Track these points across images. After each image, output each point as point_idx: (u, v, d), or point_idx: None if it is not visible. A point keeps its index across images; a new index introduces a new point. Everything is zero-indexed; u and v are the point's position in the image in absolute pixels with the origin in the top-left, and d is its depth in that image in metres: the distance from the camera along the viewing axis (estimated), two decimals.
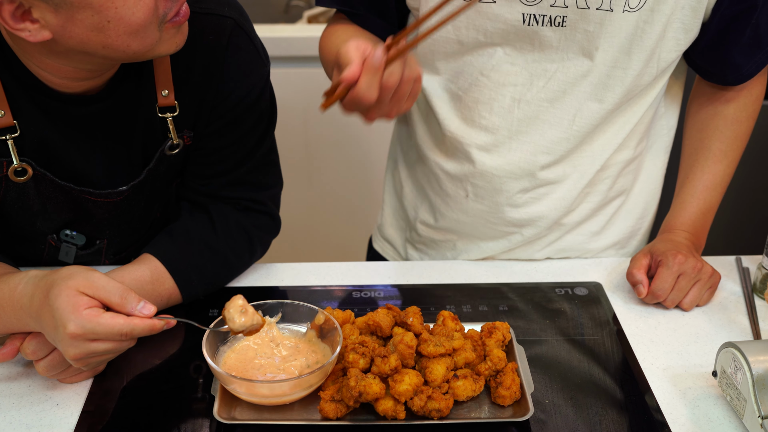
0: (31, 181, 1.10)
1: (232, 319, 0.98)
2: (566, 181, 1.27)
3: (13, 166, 1.07)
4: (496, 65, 1.19)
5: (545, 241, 1.33)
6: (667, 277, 1.18)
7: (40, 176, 1.10)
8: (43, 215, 1.14)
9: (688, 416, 1.00)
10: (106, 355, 0.98)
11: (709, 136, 1.31)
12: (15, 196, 1.11)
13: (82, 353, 0.93)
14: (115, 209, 1.17)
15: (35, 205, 1.13)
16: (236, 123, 1.17)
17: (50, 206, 1.14)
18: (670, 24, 1.15)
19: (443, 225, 1.35)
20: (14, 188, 1.10)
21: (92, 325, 0.92)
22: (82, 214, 1.16)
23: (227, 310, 0.99)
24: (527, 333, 1.14)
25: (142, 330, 0.95)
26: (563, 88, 1.19)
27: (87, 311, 0.92)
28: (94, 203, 1.15)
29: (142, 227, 1.26)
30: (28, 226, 1.16)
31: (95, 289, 0.93)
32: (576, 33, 1.14)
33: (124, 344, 0.96)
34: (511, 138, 1.23)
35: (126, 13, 0.93)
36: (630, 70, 1.17)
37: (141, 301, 0.95)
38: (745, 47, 1.21)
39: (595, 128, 1.23)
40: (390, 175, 1.46)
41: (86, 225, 1.19)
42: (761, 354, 0.95)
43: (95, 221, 1.18)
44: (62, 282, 0.93)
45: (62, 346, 0.94)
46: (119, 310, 0.94)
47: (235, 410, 0.98)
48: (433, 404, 0.94)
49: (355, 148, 2.43)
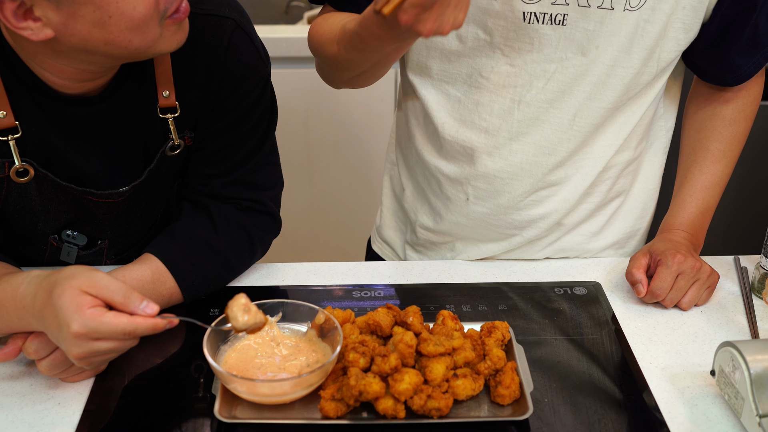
0: (33, 182, 1.10)
1: (236, 317, 0.98)
2: (569, 183, 1.27)
3: (15, 166, 1.08)
4: (496, 67, 1.20)
5: (545, 242, 1.33)
6: (666, 276, 1.18)
7: (41, 177, 1.10)
8: (45, 216, 1.15)
9: (686, 415, 1.01)
10: (109, 355, 0.98)
11: (707, 137, 1.31)
12: (17, 197, 1.11)
13: (86, 352, 0.94)
14: (116, 209, 1.18)
15: (37, 205, 1.13)
16: (237, 123, 1.18)
17: (52, 207, 1.14)
18: (671, 23, 1.16)
19: (443, 228, 1.35)
20: (16, 189, 1.10)
21: (96, 324, 0.92)
22: (83, 214, 1.17)
23: (230, 309, 0.99)
24: (526, 332, 1.15)
25: (145, 329, 0.95)
26: (562, 89, 1.19)
27: (90, 311, 0.92)
28: (95, 204, 1.15)
29: (143, 227, 1.26)
30: (30, 227, 1.16)
31: (98, 289, 0.94)
32: (576, 32, 1.15)
33: (128, 343, 0.97)
34: (511, 140, 1.23)
35: (127, 7, 0.94)
36: (630, 69, 1.17)
37: (144, 300, 0.95)
38: (744, 48, 1.21)
39: (596, 128, 1.23)
40: (388, 176, 1.46)
41: (88, 225, 1.19)
42: (759, 353, 0.96)
43: (96, 221, 1.18)
44: (65, 282, 0.93)
45: (65, 345, 0.94)
46: (122, 310, 0.94)
47: (236, 409, 0.98)
48: (433, 403, 0.95)
49: (355, 149, 2.43)
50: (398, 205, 1.45)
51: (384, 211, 1.48)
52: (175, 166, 1.20)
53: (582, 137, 1.23)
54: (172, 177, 1.23)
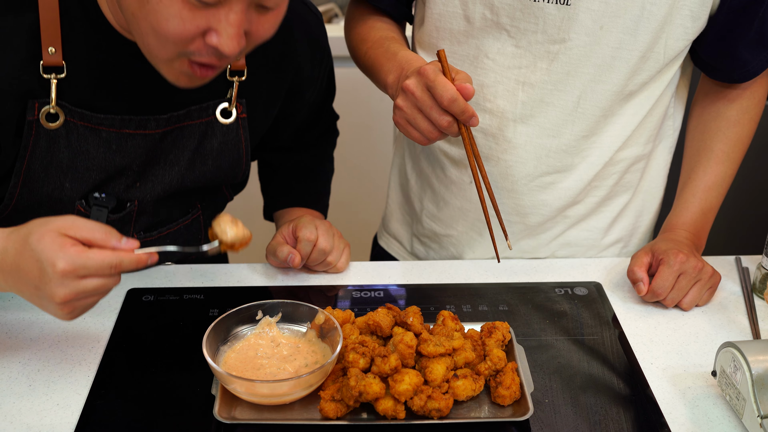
0: (63, 130, 1.09)
1: (224, 231, 0.98)
2: (574, 171, 1.27)
3: (46, 108, 1.07)
4: (502, 48, 1.20)
5: (550, 235, 1.33)
6: (668, 275, 1.18)
7: (72, 125, 1.09)
8: (73, 174, 1.13)
9: (687, 416, 1.00)
10: (94, 297, 0.95)
11: (712, 138, 1.31)
12: (45, 149, 1.10)
13: (72, 293, 0.91)
14: (151, 150, 1.15)
15: (65, 159, 1.11)
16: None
17: (80, 163, 1.12)
18: (678, 9, 1.16)
19: (447, 214, 1.35)
20: (44, 137, 1.09)
21: (82, 260, 0.90)
22: (112, 170, 1.15)
23: (218, 224, 0.98)
24: (527, 333, 1.14)
25: (129, 262, 0.94)
26: (567, 70, 1.19)
27: (74, 248, 0.91)
28: (130, 141, 1.13)
29: (175, 206, 1.25)
30: (56, 190, 1.14)
31: (77, 229, 0.92)
32: (580, 12, 1.15)
33: (111, 281, 0.94)
34: (515, 121, 1.24)
35: (162, 13, 0.92)
36: (635, 52, 1.17)
37: (123, 237, 0.95)
38: (751, 43, 1.22)
39: (602, 116, 1.23)
40: (396, 170, 1.47)
41: (116, 184, 1.17)
42: (761, 354, 0.95)
43: (126, 176, 1.16)
44: (41, 227, 0.92)
45: (50, 288, 0.91)
46: (103, 246, 0.93)
47: (236, 410, 0.98)
48: (433, 404, 0.95)
49: (356, 149, 2.43)
50: (404, 197, 1.46)
51: (390, 205, 1.49)
52: (222, 145, 1.20)
53: (587, 122, 1.23)
54: (214, 159, 1.21)
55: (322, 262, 1.26)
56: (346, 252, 1.29)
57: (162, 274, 1.27)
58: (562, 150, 1.25)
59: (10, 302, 1.19)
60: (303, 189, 1.42)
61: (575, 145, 1.25)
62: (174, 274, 1.28)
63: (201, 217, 1.31)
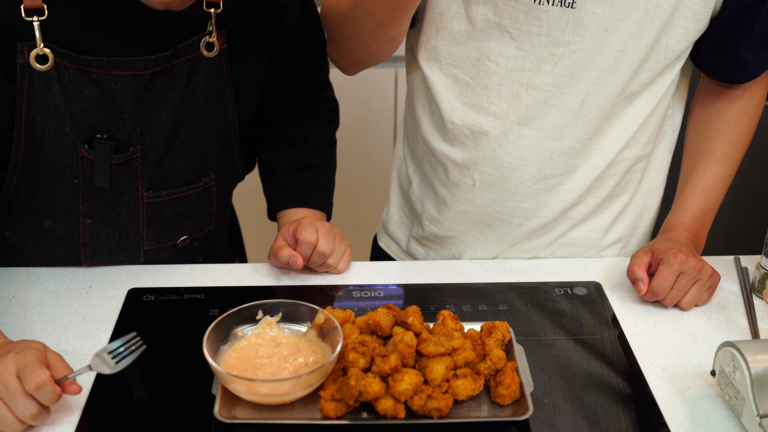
0: (54, 73, 1.11)
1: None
2: (576, 173, 1.27)
3: (35, 51, 1.09)
4: (504, 50, 1.20)
5: (552, 236, 1.34)
6: (667, 275, 1.18)
7: (62, 68, 1.10)
8: (71, 117, 1.14)
9: (686, 415, 1.01)
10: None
11: (711, 138, 1.31)
12: (40, 93, 1.11)
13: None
14: (142, 91, 1.16)
15: (61, 103, 1.13)
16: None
17: (76, 105, 1.14)
18: (680, 11, 1.16)
19: (448, 218, 1.35)
20: (38, 81, 1.10)
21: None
22: (109, 110, 1.16)
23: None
24: (527, 332, 1.15)
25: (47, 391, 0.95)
26: (570, 72, 1.19)
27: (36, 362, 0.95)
28: (120, 83, 1.14)
29: (185, 166, 1.25)
30: (59, 137, 1.15)
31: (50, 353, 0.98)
32: (584, 15, 1.15)
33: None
34: (519, 124, 1.24)
35: None
36: (638, 54, 1.18)
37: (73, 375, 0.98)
38: (753, 43, 1.22)
39: (605, 117, 1.23)
40: (396, 172, 1.47)
41: (116, 124, 1.17)
42: (760, 353, 0.96)
43: (124, 117, 1.17)
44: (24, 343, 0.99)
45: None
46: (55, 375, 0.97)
47: (236, 409, 0.98)
48: (433, 403, 0.95)
49: (356, 149, 2.43)
50: (405, 199, 1.46)
51: (391, 207, 1.49)
52: (208, 78, 1.21)
53: (590, 124, 1.23)
54: (203, 93, 1.22)
55: (322, 264, 1.26)
56: (347, 254, 1.29)
57: (162, 274, 1.28)
58: (566, 152, 1.25)
59: (11, 302, 1.19)
60: (303, 188, 1.42)
61: (578, 148, 1.25)
62: (174, 274, 1.28)
63: (214, 188, 1.31)
